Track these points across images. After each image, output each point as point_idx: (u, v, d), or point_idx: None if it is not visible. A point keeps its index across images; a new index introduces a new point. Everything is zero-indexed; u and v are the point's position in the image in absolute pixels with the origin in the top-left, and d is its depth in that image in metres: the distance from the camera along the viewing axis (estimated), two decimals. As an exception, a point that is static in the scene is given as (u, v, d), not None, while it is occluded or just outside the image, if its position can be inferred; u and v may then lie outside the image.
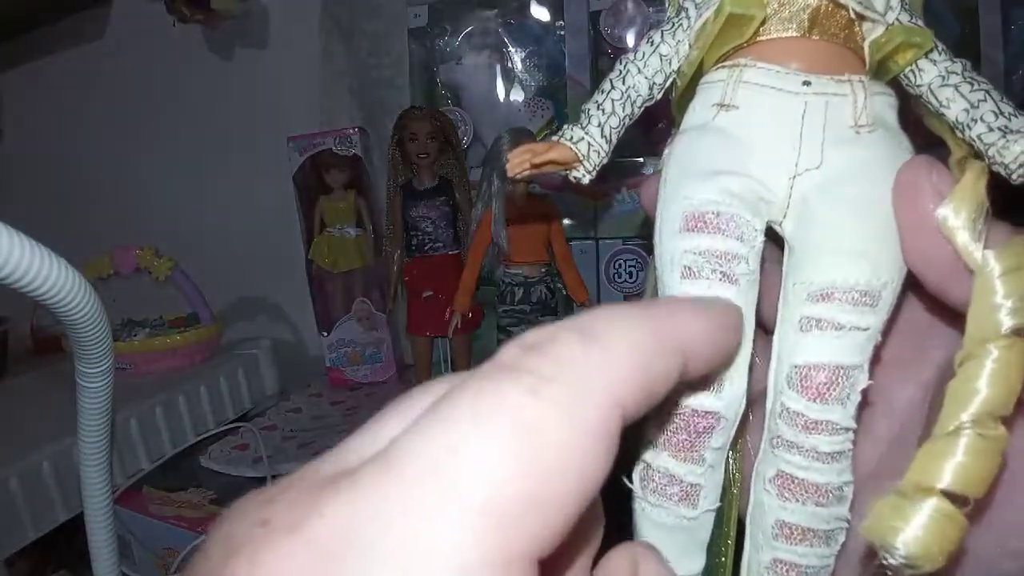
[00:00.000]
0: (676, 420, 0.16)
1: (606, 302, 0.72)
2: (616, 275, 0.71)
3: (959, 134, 0.17)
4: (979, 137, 0.16)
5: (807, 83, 0.16)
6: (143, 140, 1.07)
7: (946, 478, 0.13)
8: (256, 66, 0.99)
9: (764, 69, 0.17)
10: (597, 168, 0.19)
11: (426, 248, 0.70)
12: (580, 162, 0.19)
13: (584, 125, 0.19)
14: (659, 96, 0.19)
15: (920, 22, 0.18)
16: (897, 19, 0.17)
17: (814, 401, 0.15)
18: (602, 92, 0.19)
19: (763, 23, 0.17)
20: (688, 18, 0.18)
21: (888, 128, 0.17)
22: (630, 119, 0.19)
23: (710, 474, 0.16)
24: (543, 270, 0.65)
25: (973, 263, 0.14)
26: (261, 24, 0.97)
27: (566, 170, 0.19)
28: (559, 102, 0.73)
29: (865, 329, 0.15)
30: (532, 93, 0.75)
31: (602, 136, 0.19)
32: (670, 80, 0.19)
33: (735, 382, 0.15)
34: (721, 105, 0.17)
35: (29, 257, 0.26)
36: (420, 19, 0.76)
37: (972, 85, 0.17)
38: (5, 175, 1.16)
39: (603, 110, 0.19)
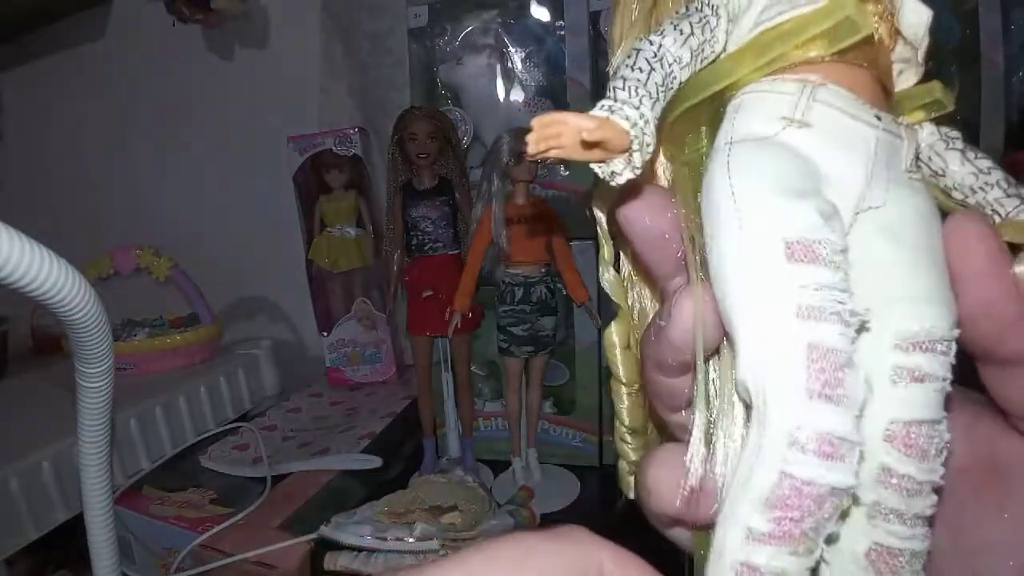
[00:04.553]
0: (799, 502, 0.12)
1: (606, 302, 0.72)
2: (616, 275, 0.71)
3: (959, 196, 0.17)
4: (996, 201, 0.16)
5: (878, 117, 0.15)
6: (143, 140, 1.07)
7: None
8: (256, 66, 0.99)
9: (838, 92, 0.15)
10: (642, 166, 0.15)
11: (426, 248, 0.70)
12: (631, 153, 0.14)
13: (638, 105, 0.14)
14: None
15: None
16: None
17: (921, 460, 0.13)
18: (641, 70, 0.15)
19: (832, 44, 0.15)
20: (717, 16, 0.16)
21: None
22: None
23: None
24: (543, 270, 0.65)
25: None
26: (261, 24, 0.97)
27: (600, 162, 0.14)
28: (559, 102, 0.73)
29: (947, 380, 0.14)
30: (532, 93, 0.75)
31: (654, 124, 0.15)
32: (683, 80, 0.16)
33: (860, 450, 0.13)
34: (790, 120, 0.15)
35: (29, 257, 0.26)
36: (420, 19, 0.76)
37: (975, 152, 0.17)
38: (5, 175, 1.16)
39: (649, 92, 0.15)
